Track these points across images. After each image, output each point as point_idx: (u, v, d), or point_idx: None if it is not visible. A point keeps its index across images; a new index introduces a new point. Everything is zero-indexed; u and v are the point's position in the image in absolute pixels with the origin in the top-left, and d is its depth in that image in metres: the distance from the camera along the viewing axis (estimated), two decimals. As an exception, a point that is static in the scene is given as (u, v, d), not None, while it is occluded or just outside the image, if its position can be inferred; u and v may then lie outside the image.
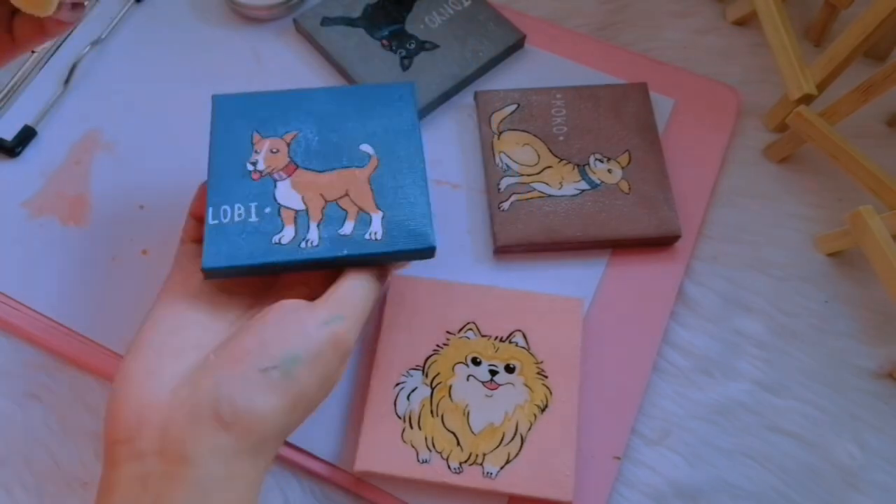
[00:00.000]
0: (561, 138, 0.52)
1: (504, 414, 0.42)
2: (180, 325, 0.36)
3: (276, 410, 0.32)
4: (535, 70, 0.56)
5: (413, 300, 0.45)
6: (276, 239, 0.37)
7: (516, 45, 0.56)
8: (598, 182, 0.50)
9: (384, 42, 0.55)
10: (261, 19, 0.58)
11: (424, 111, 0.53)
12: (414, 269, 0.48)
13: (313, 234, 0.38)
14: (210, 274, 0.37)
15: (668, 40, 0.59)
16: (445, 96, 0.54)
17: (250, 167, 0.39)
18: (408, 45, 0.55)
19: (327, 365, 0.34)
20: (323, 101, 0.42)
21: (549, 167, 0.51)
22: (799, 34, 0.58)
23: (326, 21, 0.56)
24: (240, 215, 0.38)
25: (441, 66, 0.54)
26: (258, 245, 0.37)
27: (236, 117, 0.41)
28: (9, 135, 0.53)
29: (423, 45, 0.55)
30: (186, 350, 0.34)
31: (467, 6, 0.57)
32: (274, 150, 0.40)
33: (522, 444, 0.42)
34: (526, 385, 0.43)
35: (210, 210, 0.38)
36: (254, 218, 0.38)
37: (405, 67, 0.54)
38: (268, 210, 0.38)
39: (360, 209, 0.39)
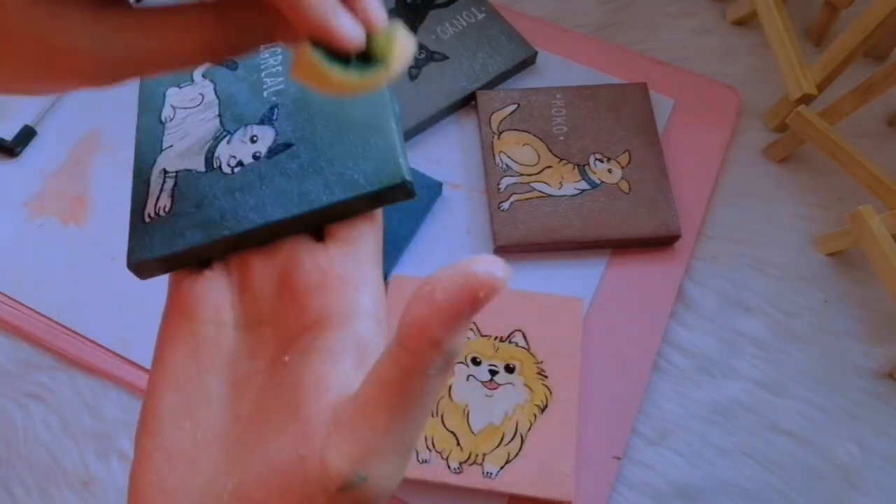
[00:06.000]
0: (561, 138, 0.52)
1: (504, 414, 0.42)
2: (182, 374, 0.26)
3: None
4: (534, 70, 0.56)
5: (413, 300, 0.45)
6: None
7: (527, 61, 0.56)
8: (598, 182, 0.50)
9: None
10: None
11: (430, 122, 0.53)
12: (415, 269, 0.48)
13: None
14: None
15: (668, 40, 0.59)
16: (451, 109, 0.54)
17: None
18: (417, 55, 0.55)
19: None
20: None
21: (549, 167, 0.51)
22: (799, 34, 0.58)
23: None
24: None
25: (449, 79, 0.54)
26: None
27: None
28: (9, 135, 0.53)
29: (432, 56, 0.55)
30: (207, 439, 0.24)
31: (481, 19, 0.57)
32: None
33: (522, 444, 0.42)
34: (526, 385, 0.43)
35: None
36: None
37: (413, 77, 0.54)
38: None
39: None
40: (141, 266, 0.27)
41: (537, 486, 0.41)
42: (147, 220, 0.28)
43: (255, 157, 0.29)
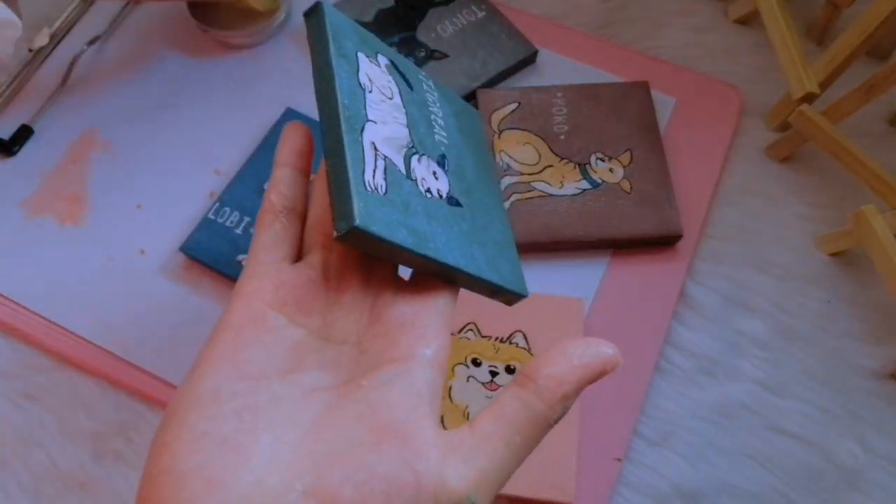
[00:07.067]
0: (562, 137, 0.51)
1: (505, 415, 0.42)
2: (258, 368, 0.25)
3: None
4: (535, 68, 0.56)
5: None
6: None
7: (528, 59, 0.55)
8: (600, 181, 0.50)
9: (394, 48, 0.55)
10: (238, 46, 0.56)
11: None
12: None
13: None
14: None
15: (670, 39, 0.58)
16: None
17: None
18: (417, 53, 0.54)
19: None
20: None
21: (550, 166, 0.50)
22: (801, 33, 0.58)
23: None
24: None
25: (449, 77, 0.54)
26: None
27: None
28: (6, 134, 0.52)
29: (432, 54, 0.55)
30: (264, 432, 0.24)
31: (481, 17, 0.56)
32: None
33: (523, 445, 0.41)
34: (527, 386, 0.43)
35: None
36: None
37: None
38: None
39: None
40: (356, 233, 0.25)
41: (538, 488, 0.40)
42: (368, 189, 0.26)
43: (439, 194, 0.30)
